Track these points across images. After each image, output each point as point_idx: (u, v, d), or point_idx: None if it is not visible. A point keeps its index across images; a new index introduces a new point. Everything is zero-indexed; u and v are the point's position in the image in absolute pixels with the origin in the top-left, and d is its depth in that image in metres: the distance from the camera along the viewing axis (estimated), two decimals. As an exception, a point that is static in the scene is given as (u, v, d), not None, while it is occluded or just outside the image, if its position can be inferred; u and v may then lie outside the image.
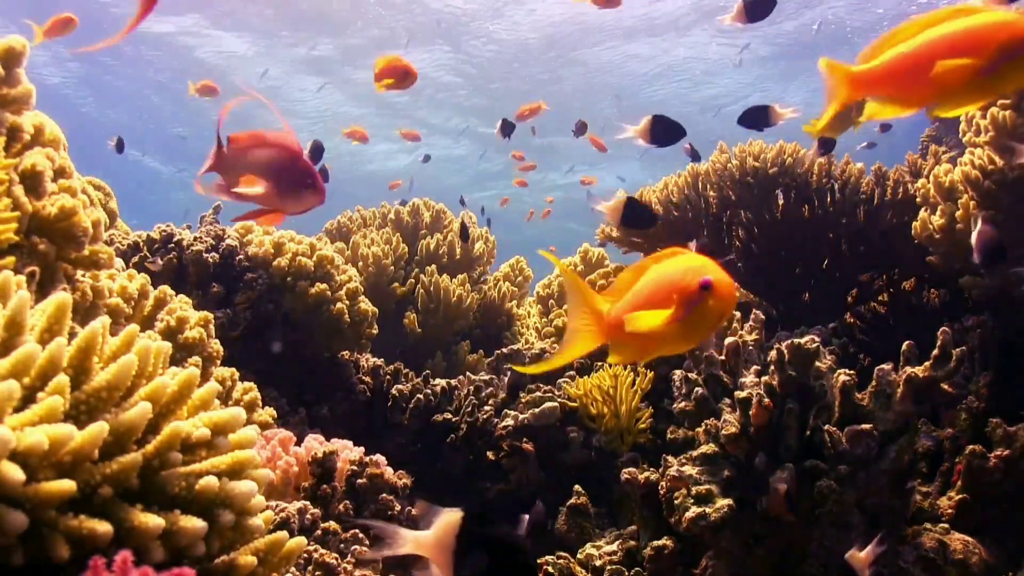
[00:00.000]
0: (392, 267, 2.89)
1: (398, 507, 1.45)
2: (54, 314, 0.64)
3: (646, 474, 1.63)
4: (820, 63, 0.99)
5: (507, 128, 3.21)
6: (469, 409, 2.08)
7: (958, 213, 1.89)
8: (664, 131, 1.96)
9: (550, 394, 2.09)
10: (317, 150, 2.50)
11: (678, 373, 1.80)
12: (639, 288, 0.87)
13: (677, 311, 0.82)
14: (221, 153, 1.08)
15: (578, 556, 1.62)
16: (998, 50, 0.86)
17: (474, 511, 0.97)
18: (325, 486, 1.40)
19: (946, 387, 1.49)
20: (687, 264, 0.85)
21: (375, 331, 2.34)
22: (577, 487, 1.77)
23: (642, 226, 2.00)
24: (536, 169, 5.91)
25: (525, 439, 2.01)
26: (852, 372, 1.48)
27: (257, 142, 1.08)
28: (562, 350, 0.93)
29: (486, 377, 2.28)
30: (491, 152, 11.86)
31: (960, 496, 1.45)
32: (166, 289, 1.48)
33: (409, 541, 0.87)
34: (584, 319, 0.91)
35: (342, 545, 1.29)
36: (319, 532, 1.29)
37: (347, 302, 2.22)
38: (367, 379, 2.23)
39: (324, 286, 2.17)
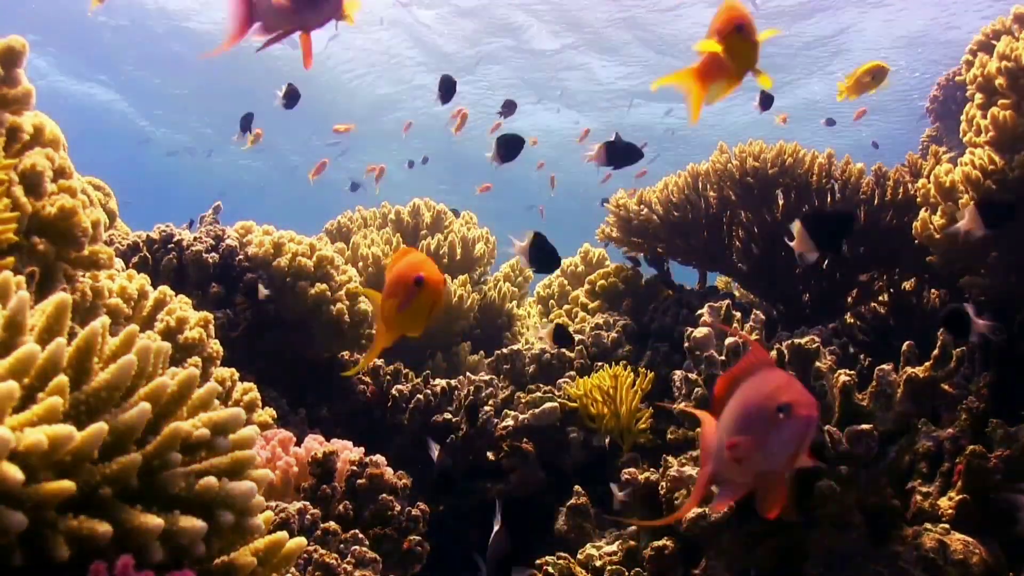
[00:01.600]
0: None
1: (398, 507, 1.44)
2: (54, 314, 0.64)
3: (646, 474, 1.63)
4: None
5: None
6: (469, 409, 2.07)
7: (958, 213, 1.89)
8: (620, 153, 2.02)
9: (550, 394, 2.09)
10: (292, 96, 2.53)
11: (678, 373, 1.80)
12: (387, 283, 1.03)
13: (401, 301, 0.98)
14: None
15: (578, 556, 1.62)
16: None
17: None
18: (325, 486, 1.40)
19: (946, 387, 1.49)
20: (408, 261, 1.01)
21: (375, 331, 2.33)
22: (577, 487, 1.77)
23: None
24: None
25: (525, 439, 2.01)
26: (852, 372, 1.48)
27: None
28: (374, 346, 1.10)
29: (486, 377, 2.28)
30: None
31: (960, 496, 1.44)
32: (166, 289, 1.48)
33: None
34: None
35: (342, 545, 1.29)
36: (319, 532, 1.29)
37: (347, 302, 2.22)
38: (367, 379, 2.23)
39: (324, 286, 2.17)
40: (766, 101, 2.42)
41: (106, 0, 2.47)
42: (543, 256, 1.85)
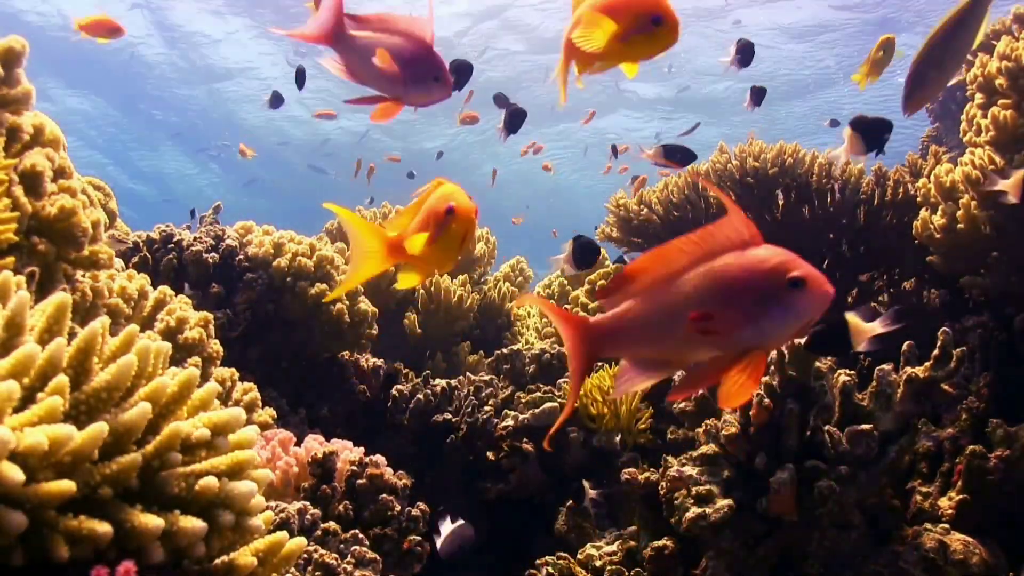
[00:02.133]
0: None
1: (398, 507, 1.44)
2: (54, 314, 0.64)
3: (646, 474, 1.63)
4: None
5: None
6: (469, 409, 2.07)
7: (959, 213, 1.89)
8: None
9: (550, 394, 2.09)
10: (463, 69, 2.48)
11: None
12: (419, 217, 0.97)
13: (432, 233, 0.93)
14: (342, 27, 1.05)
15: (578, 556, 1.62)
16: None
17: None
18: (325, 486, 1.40)
19: (946, 387, 1.49)
20: (441, 193, 0.95)
21: (375, 331, 2.34)
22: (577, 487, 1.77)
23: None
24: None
25: (525, 439, 2.01)
26: (852, 372, 1.48)
27: (387, 26, 1.06)
28: (352, 272, 1.01)
29: (486, 377, 2.28)
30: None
31: (960, 496, 1.44)
32: (166, 289, 1.48)
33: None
34: (372, 243, 0.99)
35: (342, 545, 1.29)
36: (319, 532, 1.29)
37: (347, 302, 2.22)
38: (367, 379, 2.23)
39: (324, 286, 2.17)
40: (757, 96, 2.40)
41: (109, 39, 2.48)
42: (585, 252, 1.84)
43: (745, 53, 2.30)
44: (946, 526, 1.41)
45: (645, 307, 0.78)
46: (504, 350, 2.42)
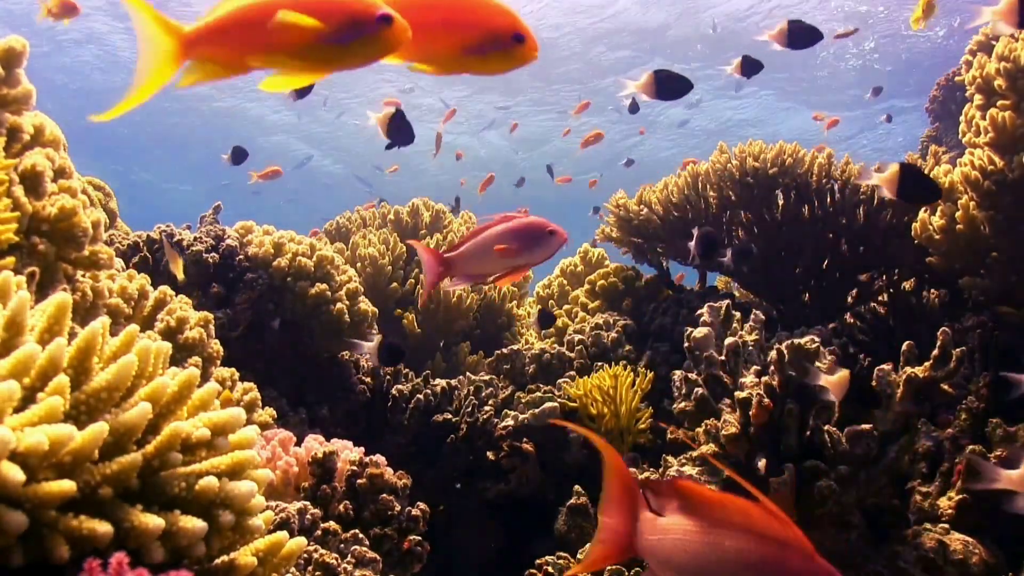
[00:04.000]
0: (390, 267, 2.88)
1: (398, 507, 1.44)
2: (54, 314, 0.64)
3: (646, 474, 1.63)
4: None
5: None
6: (469, 409, 2.08)
7: (958, 214, 1.89)
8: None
9: (550, 394, 2.09)
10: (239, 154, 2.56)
11: (678, 373, 1.80)
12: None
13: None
14: (444, 265, 1.22)
15: (578, 556, 1.62)
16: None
17: None
18: (325, 486, 1.40)
19: (946, 387, 1.49)
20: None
21: (375, 331, 2.34)
22: (577, 487, 1.77)
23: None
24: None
25: (525, 439, 2.01)
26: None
27: (478, 233, 1.21)
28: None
29: (486, 377, 2.28)
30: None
31: (960, 496, 1.45)
32: (166, 289, 1.48)
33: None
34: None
35: (342, 545, 1.29)
36: (319, 532, 1.29)
37: (347, 302, 2.22)
38: (367, 379, 2.23)
39: (324, 286, 2.17)
40: (749, 67, 2.34)
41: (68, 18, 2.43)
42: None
43: (748, 66, 2.29)
44: (946, 526, 1.41)
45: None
46: (504, 350, 2.42)
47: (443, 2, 0.88)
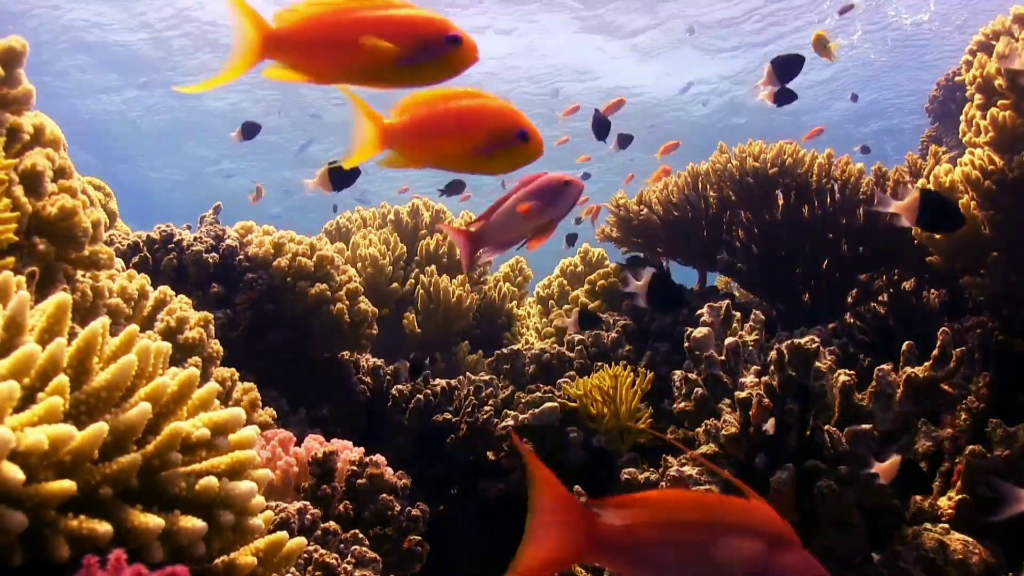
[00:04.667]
0: (390, 267, 2.89)
1: (398, 507, 1.44)
2: (54, 314, 0.64)
3: (646, 474, 1.63)
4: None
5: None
6: (469, 409, 2.08)
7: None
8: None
9: (550, 394, 2.09)
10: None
11: (678, 373, 1.80)
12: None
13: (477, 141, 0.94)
14: (474, 240, 1.21)
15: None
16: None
17: None
18: (325, 486, 1.40)
19: (946, 387, 1.49)
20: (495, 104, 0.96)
21: (375, 331, 2.34)
22: (578, 487, 1.77)
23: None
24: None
25: (525, 439, 2.01)
26: (852, 372, 1.48)
27: (505, 200, 1.20)
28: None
29: (486, 377, 2.28)
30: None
31: (960, 496, 1.44)
32: (166, 289, 1.48)
33: None
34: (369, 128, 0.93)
35: (342, 545, 1.29)
36: (319, 532, 1.29)
37: (347, 302, 2.22)
38: (367, 379, 2.23)
39: (324, 286, 2.17)
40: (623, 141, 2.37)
41: None
42: (666, 295, 1.78)
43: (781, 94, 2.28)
44: (946, 526, 1.41)
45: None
46: (504, 350, 2.42)
47: (452, 108, 0.93)
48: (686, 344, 1.77)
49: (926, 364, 1.47)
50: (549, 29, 8.91)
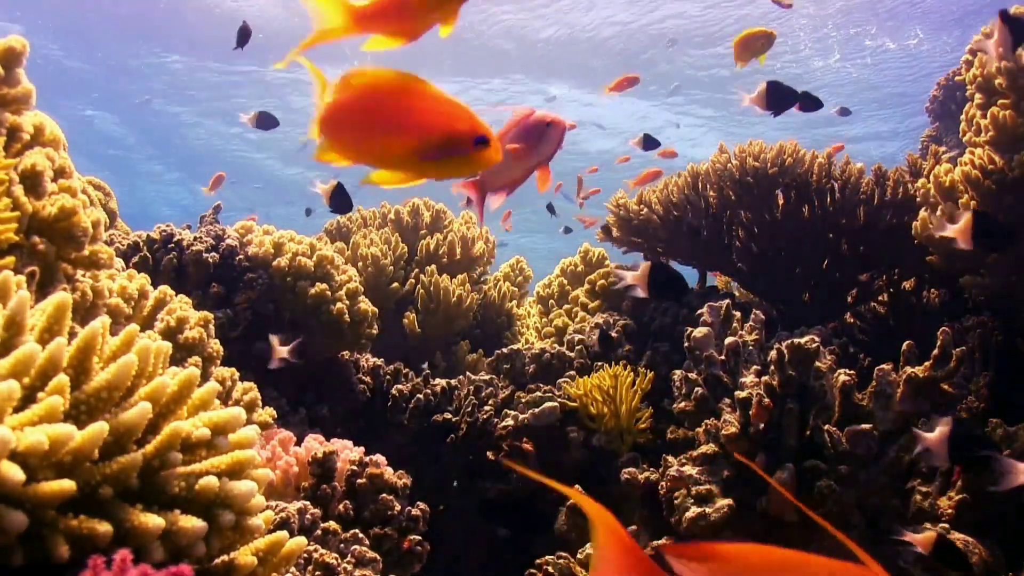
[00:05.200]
0: (391, 267, 2.89)
1: (398, 507, 1.44)
2: (54, 314, 0.64)
3: (646, 474, 1.63)
4: None
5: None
6: (469, 409, 2.08)
7: (958, 213, 1.89)
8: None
9: (550, 394, 2.09)
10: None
11: (678, 373, 1.80)
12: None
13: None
14: (480, 188, 1.15)
15: (578, 556, 1.62)
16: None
17: None
18: (325, 486, 1.40)
19: (946, 387, 1.49)
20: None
21: (375, 331, 2.34)
22: (577, 487, 1.77)
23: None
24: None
25: (525, 439, 2.01)
26: (852, 372, 1.48)
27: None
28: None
29: (486, 377, 2.28)
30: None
31: (960, 496, 1.44)
32: (166, 289, 1.48)
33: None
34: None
35: (342, 545, 1.29)
36: (319, 532, 1.29)
37: (347, 302, 2.22)
38: (367, 379, 2.23)
39: (324, 286, 2.17)
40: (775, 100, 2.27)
41: None
42: (667, 283, 1.68)
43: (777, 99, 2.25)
44: (946, 526, 1.41)
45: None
46: (504, 350, 2.42)
47: (397, 103, 0.82)
48: (686, 344, 1.77)
49: (926, 364, 1.47)
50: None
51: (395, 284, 2.89)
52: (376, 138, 0.83)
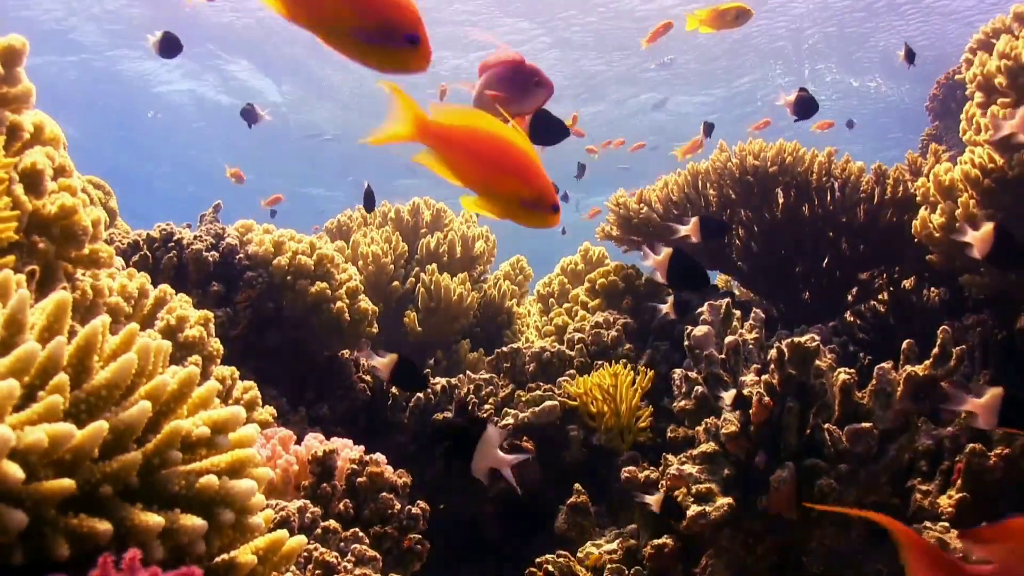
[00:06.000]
0: (392, 266, 2.89)
1: (398, 505, 1.44)
2: (54, 313, 0.64)
3: (646, 473, 1.63)
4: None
5: None
6: (469, 408, 2.08)
7: (958, 212, 1.89)
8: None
9: (550, 393, 2.10)
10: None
11: (678, 372, 1.80)
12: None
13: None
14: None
15: (578, 555, 1.62)
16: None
17: None
18: (325, 485, 1.40)
19: (946, 385, 1.49)
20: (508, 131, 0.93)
21: (375, 330, 2.34)
22: (577, 486, 1.77)
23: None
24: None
25: (525, 438, 2.01)
26: (852, 371, 1.48)
27: (482, 68, 1.11)
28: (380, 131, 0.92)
29: (486, 376, 2.28)
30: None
31: (960, 495, 1.44)
32: (166, 288, 1.48)
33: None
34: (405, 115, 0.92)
35: (342, 543, 1.29)
36: (319, 531, 1.29)
37: (347, 301, 2.22)
38: (367, 378, 2.23)
39: (324, 285, 2.17)
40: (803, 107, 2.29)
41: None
42: (687, 272, 1.63)
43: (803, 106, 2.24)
44: (946, 524, 1.41)
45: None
46: (504, 348, 2.42)
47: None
48: (686, 343, 1.77)
49: (926, 362, 1.47)
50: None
51: (395, 283, 2.89)
52: (319, 4, 0.82)
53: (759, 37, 8.82)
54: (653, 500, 1.45)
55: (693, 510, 1.44)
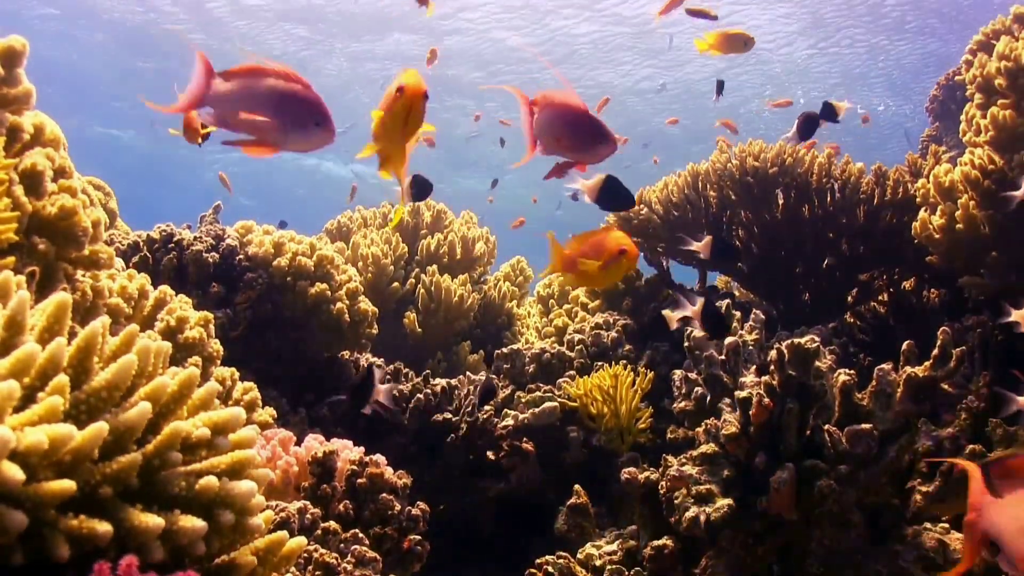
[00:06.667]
0: (392, 267, 2.89)
1: (398, 506, 1.44)
2: (54, 314, 0.64)
3: (646, 474, 1.63)
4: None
5: None
6: (469, 409, 2.07)
7: (958, 213, 1.89)
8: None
9: (550, 394, 2.09)
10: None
11: (678, 373, 1.80)
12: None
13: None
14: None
15: (578, 556, 1.62)
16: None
17: None
18: (325, 486, 1.40)
19: (946, 387, 1.49)
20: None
21: (375, 331, 2.34)
22: (577, 487, 1.77)
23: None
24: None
25: (525, 439, 2.01)
26: (852, 372, 1.48)
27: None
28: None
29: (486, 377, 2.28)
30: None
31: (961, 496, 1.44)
32: (166, 289, 1.48)
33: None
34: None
35: (342, 545, 1.29)
36: (319, 532, 1.29)
37: (347, 302, 2.22)
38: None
39: (324, 286, 2.17)
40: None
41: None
42: (718, 322, 1.71)
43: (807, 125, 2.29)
44: (946, 525, 1.41)
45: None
46: (504, 349, 2.42)
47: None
48: (686, 343, 1.77)
49: (926, 363, 1.47)
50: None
51: (395, 284, 2.89)
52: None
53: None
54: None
55: (693, 511, 1.43)
